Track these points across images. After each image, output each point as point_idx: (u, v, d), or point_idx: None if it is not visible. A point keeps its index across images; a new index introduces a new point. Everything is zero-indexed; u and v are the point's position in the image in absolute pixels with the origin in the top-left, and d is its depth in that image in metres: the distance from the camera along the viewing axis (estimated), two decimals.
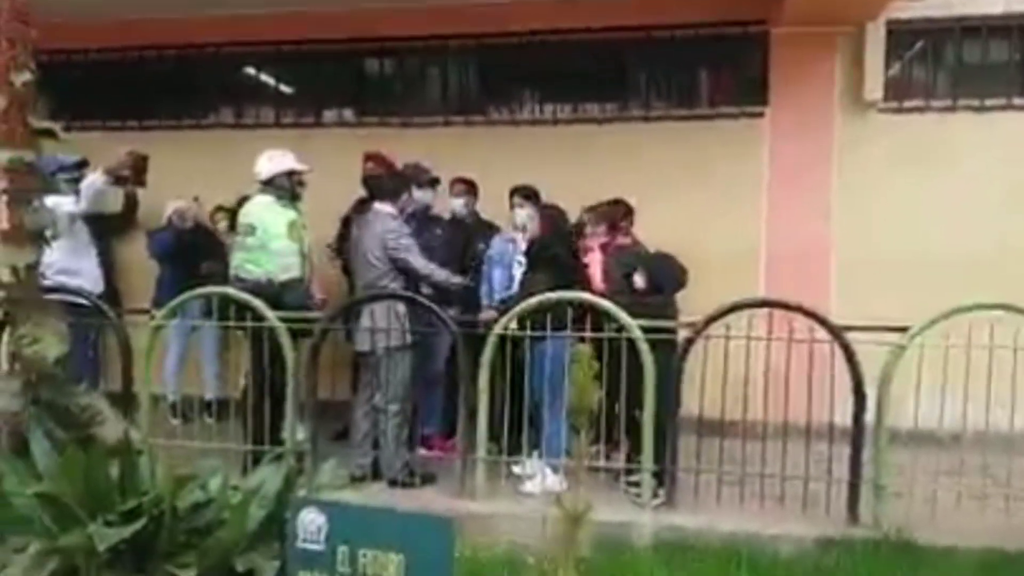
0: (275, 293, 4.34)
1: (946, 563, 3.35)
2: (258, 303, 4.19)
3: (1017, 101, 5.52)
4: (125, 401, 4.17)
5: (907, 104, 5.64)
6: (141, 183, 5.37)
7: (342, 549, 2.45)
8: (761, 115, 5.77)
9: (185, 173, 5.86)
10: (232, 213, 5.41)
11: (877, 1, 5.25)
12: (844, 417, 3.77)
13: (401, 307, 4.29)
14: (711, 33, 5.76)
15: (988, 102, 5.54)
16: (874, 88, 5.56)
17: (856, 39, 5.58)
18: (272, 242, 4.45)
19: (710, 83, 6.02)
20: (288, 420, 4.20)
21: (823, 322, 3.76)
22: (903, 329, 3.72)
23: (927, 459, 3.91)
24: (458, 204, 5.22)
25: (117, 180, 5.06)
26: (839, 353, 3.71)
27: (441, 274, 4.49)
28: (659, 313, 4.20)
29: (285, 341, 4.12)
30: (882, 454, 3.69)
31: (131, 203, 5.99)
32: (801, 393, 3.82)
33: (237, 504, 2.66)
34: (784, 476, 3.84)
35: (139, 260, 6.01)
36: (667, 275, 4.43)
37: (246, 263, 4.50)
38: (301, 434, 4.24)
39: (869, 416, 3.72)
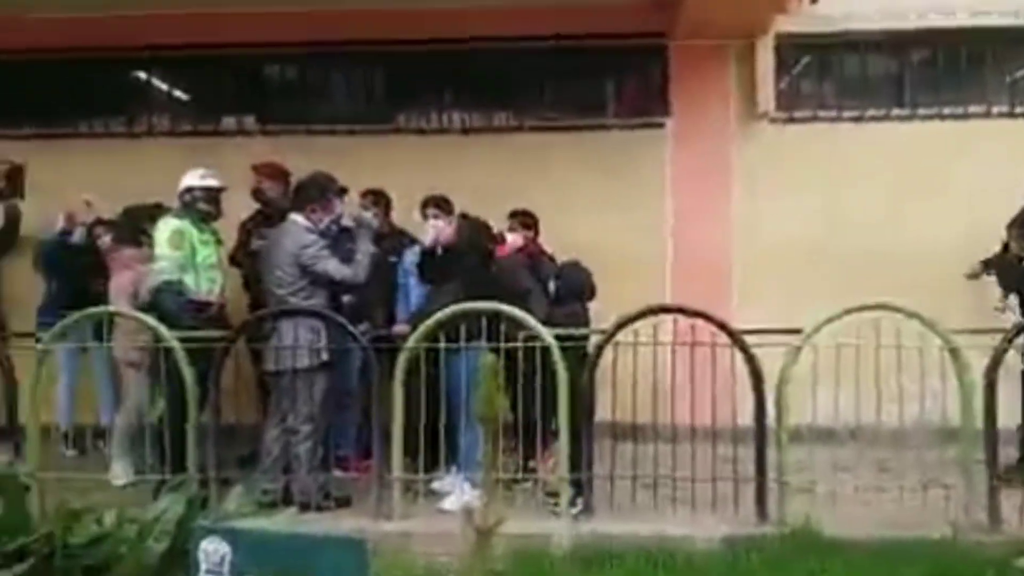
0: (152, 301, 4.31)
1: (849, 553, 3.52)
2: (150, 321, 4.01)
3: (895, 112, 5.92)
4: (9, 433, 3.91)
5: (796, 115, 5.95)
6: (19, 194, 5.01)
7: None
8: (662, 125, 5.95)
9: (72, 184, 5.50)
10: (114, 226, 5.13)
11: (764, 16, 5.52)
12: (748, 418, 3.91)
13: (315, 324, 4.15)
14: (614, 45, 5.90)
15: (869, 112, 5.91)
16: (766, 99, 5.83)
17: (749, 52, 5.83)
18: (157, 250, 4.48)
19: (614, 94, 6.18)
20: (191, 444, 3.99)
21: (723, 327, 3.89)
22: (799, 331, 3.90)
23: (826, 455, 4.11)
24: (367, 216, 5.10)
25: None
26: (740, 356, 3.85)
27: (352, 270, 4.28)
28: (570, 321, 4.25)
29: (181, 359, 3.92)
30: (784, 452, 3.85)
31: (12, 218, 5.56)
32: (706, 396, 3.94)
33: (133, 537, 2.51)
34: (694, 478, 3.94)
35: (23, 279, 5.59)
36: (578, 284, 4.49)
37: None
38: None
39: (770, 416, 3.88)
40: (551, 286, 4.66)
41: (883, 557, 3.49)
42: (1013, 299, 4.85)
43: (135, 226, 4.82)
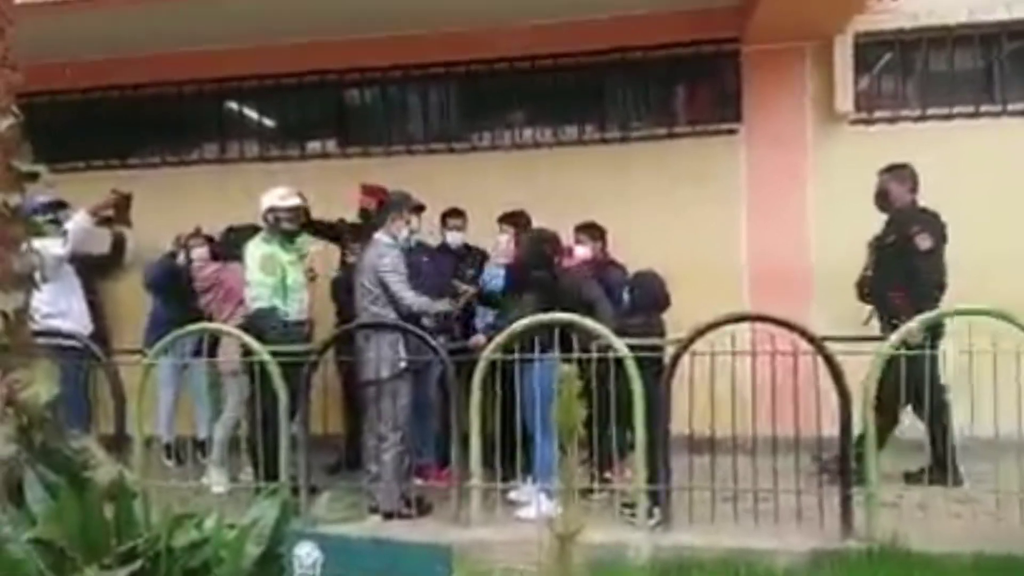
0: (251, 325, 4.50)
1: (940, 569, 3.37)
2: (245, 337, 4.25)
3: (984, 108, 5.65)
4: (118, 443, 4.15)
5: (877, 115, 5.77)
6: (126, 222, 5.37)
7: None
8: (735, 131, 5.88)
9: (171, 211, 5.89)
10: (210, 241, 5.43)
11: (842, 15, 5.39)
12: (832, 428, 3.81)
13: (395, 336, 4.31)
14: (684, 53, 5.89)
15: (956, 110, 5.67)
16: (844, 100, 5.68)
17: (825, 53, 5.70)
18: (250, 275, 4.66)
19: (685, 102, 6.15)
20: (283, 454, 4.19)
21: (805, 334, 3.81)
22: (883, 338, 3.78)
23: (916, 467, 3.96)
24: (457, 237, 5.27)
25: (102, 220, 5.07)
26: (823, 364, 3.76)
27: (420, 302, 4.44)
28: (645, 332, 4.25)
29: (274, 374, 4.14)
30: (871, 463, 3.73)
31: (119, 244, 5.96)
32: (788, 406, 3.86)
33: (232, 541, 2.66)
34: (777, 490, 3.87)
35: (128, 300, 5.98)
36: (650, 294, 4.49)
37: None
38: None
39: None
40: (625, 296, 4.68)
41: (977, 574, 3.33)
42: None
43: (238, 244, 5.07)
